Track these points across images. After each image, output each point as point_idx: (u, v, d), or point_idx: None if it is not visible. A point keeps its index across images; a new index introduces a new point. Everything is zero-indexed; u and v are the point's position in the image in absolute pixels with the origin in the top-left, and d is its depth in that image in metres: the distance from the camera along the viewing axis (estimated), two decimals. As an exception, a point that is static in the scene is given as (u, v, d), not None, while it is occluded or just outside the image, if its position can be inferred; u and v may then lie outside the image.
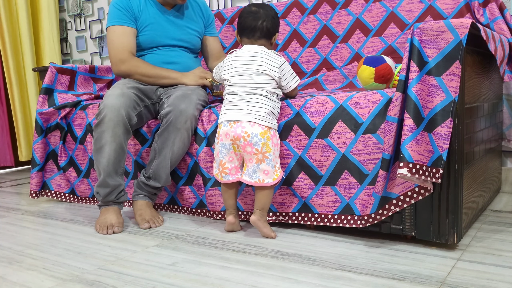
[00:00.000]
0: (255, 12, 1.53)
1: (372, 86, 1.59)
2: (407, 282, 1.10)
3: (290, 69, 1.52)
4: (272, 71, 1.48)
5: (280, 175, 1.47)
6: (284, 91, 1.56)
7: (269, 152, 1.44)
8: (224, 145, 1.49)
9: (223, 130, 1.49)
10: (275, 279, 1.15)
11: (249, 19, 1.53)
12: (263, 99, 1.47)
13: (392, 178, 1.31)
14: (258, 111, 1.45)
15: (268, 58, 1.49)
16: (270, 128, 1.46)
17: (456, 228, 1.28)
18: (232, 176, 1.51)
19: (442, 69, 1.23)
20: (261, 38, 1.53)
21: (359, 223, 1.40)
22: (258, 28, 1.52)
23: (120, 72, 1.87)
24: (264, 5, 1.57)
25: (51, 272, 1.27)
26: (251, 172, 1.46)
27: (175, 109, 1.66)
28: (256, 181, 1.45)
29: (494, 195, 1.87)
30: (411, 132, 1.22)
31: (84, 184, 2.11)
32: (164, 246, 1.45)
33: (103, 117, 1.64)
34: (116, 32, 1.85)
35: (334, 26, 2.13)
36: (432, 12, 1.90)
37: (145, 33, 1.89)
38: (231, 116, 1.47)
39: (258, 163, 1.45)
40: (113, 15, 1.86)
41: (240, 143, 1.45)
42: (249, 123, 1.44)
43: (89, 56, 3.36)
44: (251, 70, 1.48)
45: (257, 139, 1.43)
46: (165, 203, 1.89)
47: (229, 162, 1.50)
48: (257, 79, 1.47)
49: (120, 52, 1.84)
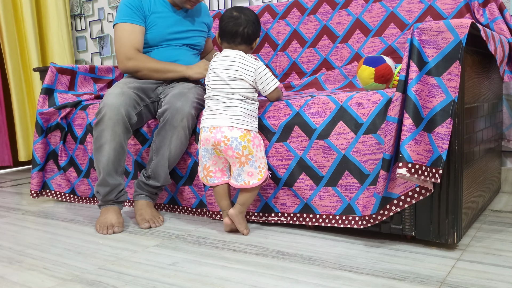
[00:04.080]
0: (236, 18, 1.53)
1: (372, 86, 1.59)
2: (407, 282, 1.10)
3: (267, 72, 1.52)
4: (247, 75, 1.49)
5: (265, 175, 1.50)
6: (263, 95, 1.57)
7: (252, 154, 1.47)
8: (206, 150, 1.53)
9: (203, 135, 1.52)
10: (275, 279, 1.15)
11: (230, 25, 1.53)
12: (239, 103, 1.49)
13: (393, 178, 1.31)
14: (236, 115, 1.48)
15: (244, 62, 1.50)
16: (249, 130, 1.49)
17: (456, 228, 1.28)
18: (217, 179, 1.55)
19: (442, 69, 1.23)
20: (242, 44, 1.54)
21: (360, 224, 1.40)
22: (239, 34, 1.52)
23: (127, 69, 1.87)
24: (245, 10, 1.57)
25: (51, 272, 1.27)
26: (236, 175, 1.50)
27: (172, 107, 1.67)
28: (242, 183, 1.49)
29: (494, 195, 1.87)
30: (410, 132, 1.22)
31: (84, 184, 2.11)
32: (164, 246, 1.46)
33: (103, 116, 1.64)
34: (125, 29, 1.86)
35: (334, 26, 2.14)
36: (432, 12, 1.90)
37: (153, 31, 1.91)
38: (211, 121, 1.50)
39: (241, 166, 1.48)
40: (123, 12, 1.87)
41: (221, 148, 1.48)
42: (228, 128, 1.47)
43: (89, 56, 3.36)
44: (226, 75, 1.50)
45: (237, 143, 1.46)
46: (165, 203, 1.90)
47: (213, 165, 1.54)
48: (232, 84, 1.50)
49: (127, 49, 1.84)
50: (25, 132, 3.16)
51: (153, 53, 1.93)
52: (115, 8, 3.16)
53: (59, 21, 3.22)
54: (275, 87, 1.54)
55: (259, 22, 1.59)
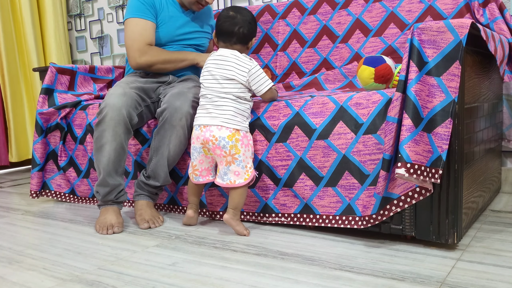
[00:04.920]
0: (233, 17, 1.55)
1: (372, 86, 1.59)
2: (407, 282, 1.10)
3: (261, 73, 1.53)
4: (240, 75, 1.50)
5: (251, 175, 1.51)
6: (256, 95, 1.58)
7: (238, 154, 1.49)
8: (195, 148, 1.56)
9: (194, 133, 1.55)
10: (275, 279, 1.15)
11: (227, 24, 1.54)
12: (230, 102, 1.51)
13: (393, 178, 1.31)
14: (225, 114, 1.50)
15: (237, 62, 1.52)
16: (238, 130, 1.50)
17: (456, 228, 1.28)
18: (202, 178, 1.59)
19: (442, 69, 1.23)
20: (237, 43, 1.56)
21: (360, 224, 1.40)
22: (235, 33, 1.54)
23: (139, 65, 1.86)
24: (241, 9, 1.58)
25: (51, 272, 1.27)
26: (223, 174, 1.52)
27: (170, 106, 1.67)
28: (228, 182, 1.50)
29: (494, 195, 1.87)
30: (410, 132, 1.22)
31: (84, 184, 2.11)
32: (164, 246, 1.46)
33: (104, 116, 1.64)
34: (138, 24, 1.85)
35: (334, 26, 2.14)
36: (432, 12, 1.90)
37: (162, 29, 1.91)
38: (202, 120, 1.53)
39: (227, 165, 1.50)
40: (135, 7, 1.86)
41: (210, 146, 1.51)
42: (216, 127, 1.49)
43: (89, 56, 3.36)
44: (219, 74, 1.52)
45: (224, 142, 1.48)
46: (165, 203, 1.89)
47: (199, 164, 1.57)
48: (224, 83, 1.51)
49: (141, 44, 1.83)
50: (20, 132, 3.14)
51: None
52: (115, 8, 3.16)
53: (56, 22, 3.22)
54: (269, 88, 1.54)
55: (256, 22, 1.61)
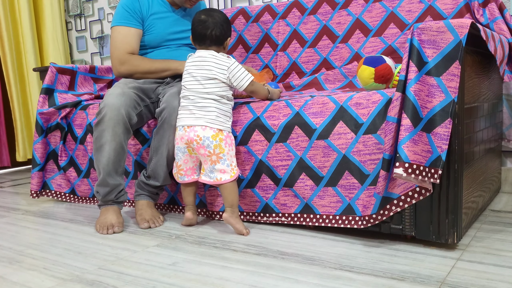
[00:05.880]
0: (204, 21, 1.58)
1: (372, 86, 1.59)
2: (407, 282, 1.10)
3: (240, 68, 1.56)
4: (220, 74, 1.53)
5: (236, 173, 1.54)
6: (239, 90, 1.60)
7: (223, 153, 1.52)
8: (179, 148, 1.58)
9: (178, 134, 1.58)
10: (275, 279, 1.15)
11: (199, 28, 1.58)
12: (212, 102, 1.53)
13: (393, 178, 1.31)
14: (209, 115, 1.53)
15: (216, 61, 1.54)
16: (221, 130, 1.53)
17: (456, 228, 1.28)
18: (187, 177, 1.61)
19: (442, 69, 1.23)
20: (212, 45, 1.59)
21: (360, 224, 1.40)
22: (207, 36, 1.57)
23: (120, 74, 1.88)
24: (213, 12, 1.60)
25: (51, 272, 1.27)
26: (209, 172, 1.55)
27: (169, 106, 1.67)
28: (215, 180, 1.53)
29: (494, 195, 1.87)
30: (408, 132, 1.22)
31: (84, 184, 2.11)
32: (164, 246, 1.46)
33: (103, 116, 1.64)
34: (120, 32, 1.86)
35: (334, 26, 2.14)
36: (432, 12, 1.90)
37: (152, 32, 1.91)
38: (185, 121, 1.55)
39: (213, 164, 1.53)
40: (119, 15, 1.87)
41: (194, 146, 1.54)
42: (201, 127, 1.52)
43: (89, 56, 3.36)
44: (200, 75, 1.54)
45: (208, 142, 1.51)
46: (165, 203, 1.90)
47: (184, 164, 1.60)
48: (206, 84, 1.53)
49: (120, 54, 1.85)
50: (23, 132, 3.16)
51: (153, 55, 1.93)
52: (114, 8, 3.16)
53: (53, 22, 3.23)
54: (250, 81, 1.57)
55: (229, 23, 1.63)
